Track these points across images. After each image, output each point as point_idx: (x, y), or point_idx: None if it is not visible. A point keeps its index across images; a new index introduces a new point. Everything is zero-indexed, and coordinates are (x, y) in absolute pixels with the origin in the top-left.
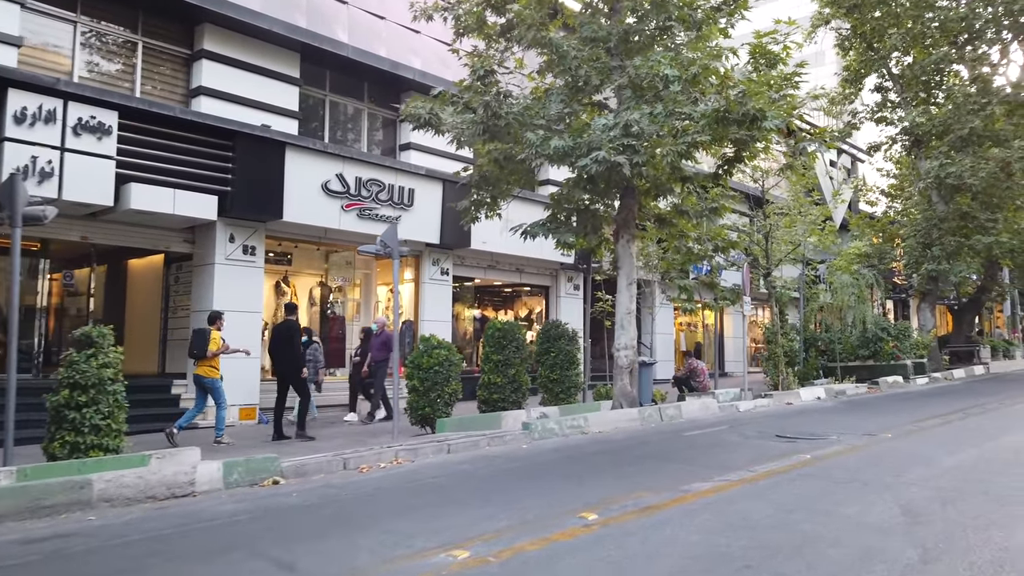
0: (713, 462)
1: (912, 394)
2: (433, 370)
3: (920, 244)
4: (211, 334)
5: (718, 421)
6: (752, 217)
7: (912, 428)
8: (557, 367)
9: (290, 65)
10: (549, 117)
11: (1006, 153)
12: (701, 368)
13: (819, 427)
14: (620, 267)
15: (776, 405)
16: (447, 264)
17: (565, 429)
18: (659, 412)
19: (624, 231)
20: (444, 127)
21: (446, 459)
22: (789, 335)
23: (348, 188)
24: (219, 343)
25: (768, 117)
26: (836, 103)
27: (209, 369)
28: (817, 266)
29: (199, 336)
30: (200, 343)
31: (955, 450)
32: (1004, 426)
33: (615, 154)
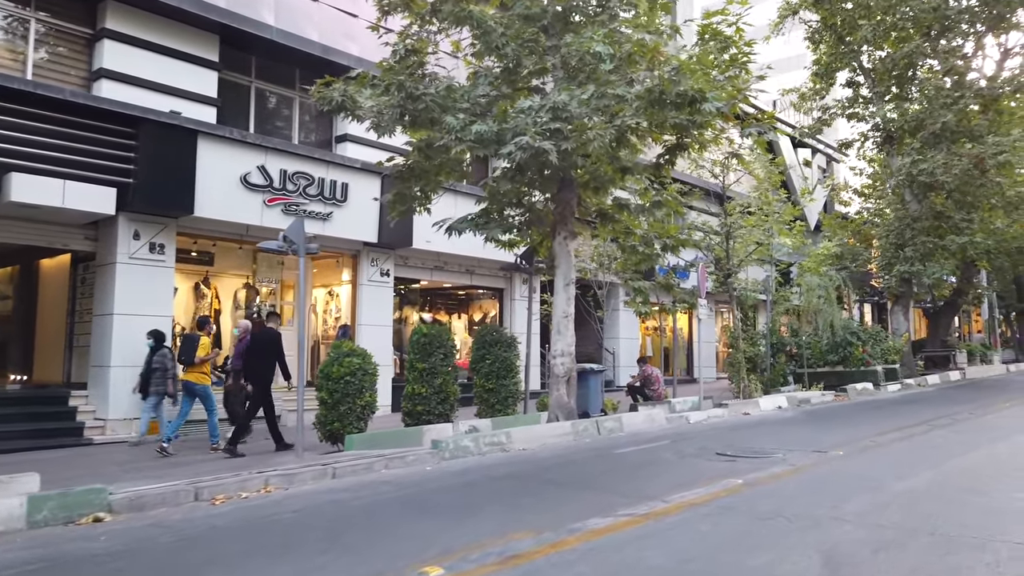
0: (629, 489)
1: (880, 403)
2: (344, 380)
3: (893, 245)
4: (200, 340)
5: (661, 435)
6: (717, 215)
7: (869, 443)
8: (493, 375)
9: (207, 48)
10: (475, 100)
11: (980, 149)
12: (656, 376)
13: (769, 442)
14: (557, 266)
15: (732, 416)
16: (387, 265)
17: (482, 447)
18: (597, 426)
19: (561, 227)
20: (360, 111)
21: (326, 486)
22: (753, 340)
23: (271, 181)
24: (208, 349)
25: (708, 99)
26: (807, 99)
27: (199, 375)
28: (788, 268)
29: (187, 342)
30: (188, 349)
31: (909, 472)
32: (969, 441)
33: (540, 140)
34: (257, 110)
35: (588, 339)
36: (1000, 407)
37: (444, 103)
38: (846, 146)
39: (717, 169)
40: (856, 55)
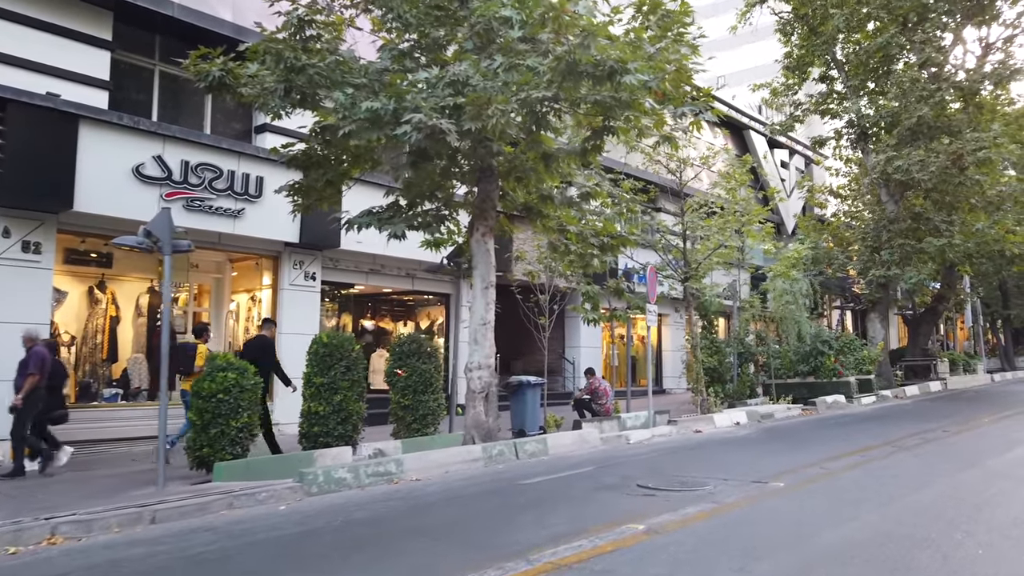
0: (501, 539)
1: (849, 418)
2: (216, 398)
3: (869, 248)
4: (198, 348)
5: (588, 460)
6: (677, 215)
7: (819, 471)
8: (410, 391)
9: (98, 25)
10: (371, 75)
11: (958, 145)
12: (604, 389)
13: (708, 468)
14: (475, 267)
15: (680, 434)
16: (313, 268)
17: (364, 478)
18: (516, 449)
19: (480, 223)
20: (242, 89)
21: (128, 537)
22: (717, 349)
23: (170, 173)
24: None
25: (630, 71)
26: (779, 95)
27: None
28: (763, 273)
29: (183, 351)
30: (186, 359)
31: (851, 513)
32: (934, 468)
33: (438, 118)
34: (162, 96)
35: (547, 348)
36: (977, 424)
37: (333, 77)
38: (820, 144)
39: (674, 164)
40: (829, 47)
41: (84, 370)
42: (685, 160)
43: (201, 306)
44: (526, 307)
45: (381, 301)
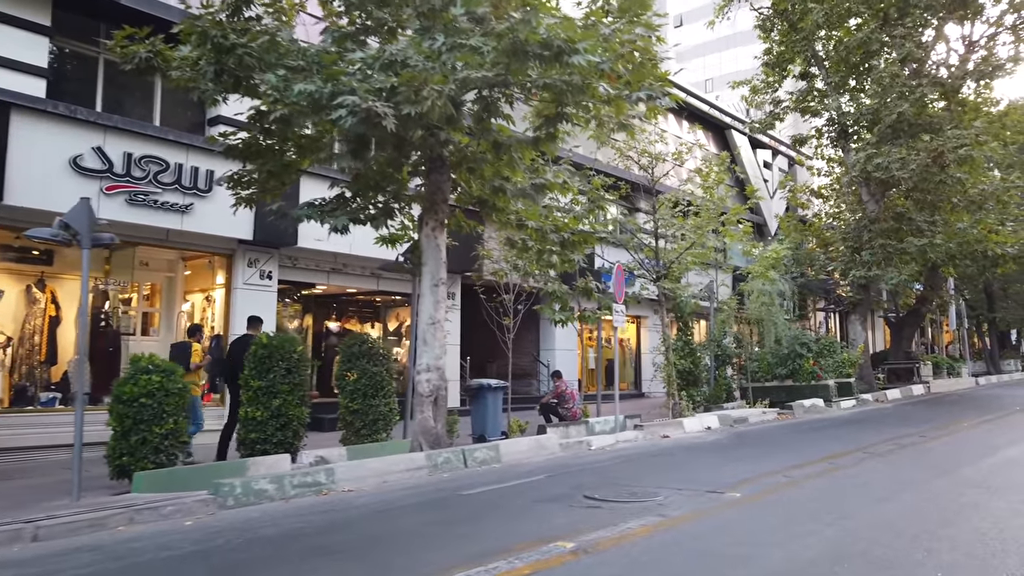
0: (412, 561)
1: (825, 422)
2: (139, 402)
3: (850, 248)
4: (192, 347)
5: (543, 468)
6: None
7: (782, 480)
8: (359, 394)
9: (36, 10)
10: (310, 57)
11: (939, 142)
12: (571, 392)
13: (665, 477)
14: (424, 263)
15: (646, 440)
16: (270, 266)
17: (289, 490)
18: (464, 457)
19: (430, 216)
20: (173, 72)
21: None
22: (692, 351)
23: (111, 166)
24: (201, 356)
25: (579, 51)
26: (759, 92)
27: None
28: (742, 273)
29: (179, 350)
30: (182, 357)
31: (806, 529)
32: (903, 477)
33: (373, 100)
34: (107, 86)
35: (522, 351)
36: (957, 428)
37: (267, 58)
38: (800, 142)
39: (645, 160)
40: (809, 43)
41: (20, 373)
42: (656, 156)
43: (153, 306)
44: (488, 308)
45: (348, 302)
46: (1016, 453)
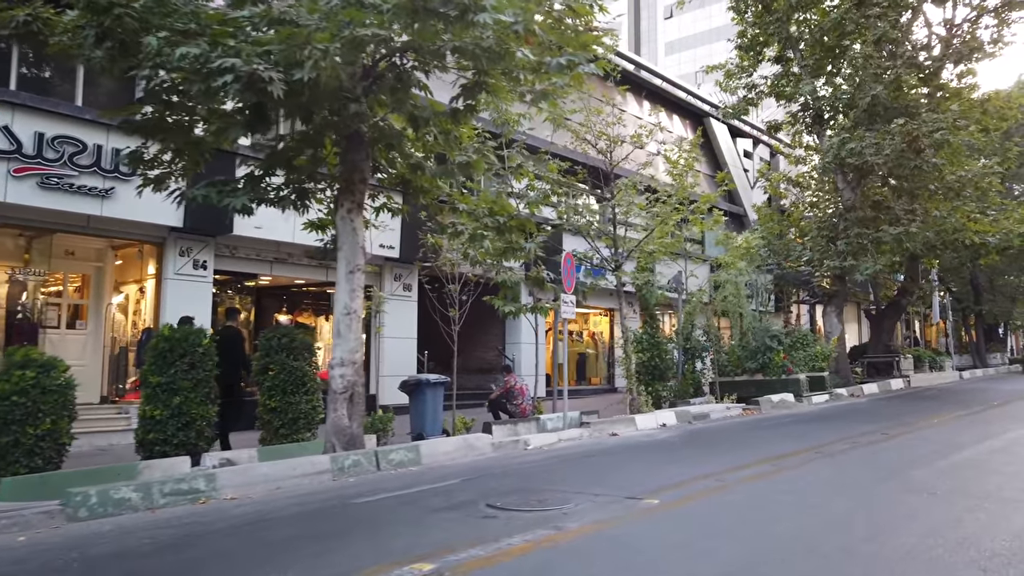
0: None
1: (789, 419)
2: (9, 401)
3: (825, 238)
4: None
5: (463, 471)
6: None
7: (713, 484)
8: (277, 391)
9: None
10: (203, 20)
11: (913, 126)
12: (520, 387)
13: (589, 480)
14: (339, 247)
15: (592, 438)
16: (205, 256)
17: (158, 498)
18: (376, 459)
19: (346, 197)
20: (55, 37)
21: None
22: (653, 343)
23: (20, 147)
24: None
25: (486, 8)
26: (733, 76)
27: None
28: (714, 263)
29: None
30: None
31: (709, 544)
32: (846, 480)
33: (257, 64)
34: (23, 64)
35: (487, 344)
36: (926, 424)
37: (150, 19)
38: (775, 129)
39: (603, 143)
40: (783, 25)
41: None
42: (614, 138)
43: (82, 298)
44: (432, 298)
45: (300, 294)
46: (975, 453)
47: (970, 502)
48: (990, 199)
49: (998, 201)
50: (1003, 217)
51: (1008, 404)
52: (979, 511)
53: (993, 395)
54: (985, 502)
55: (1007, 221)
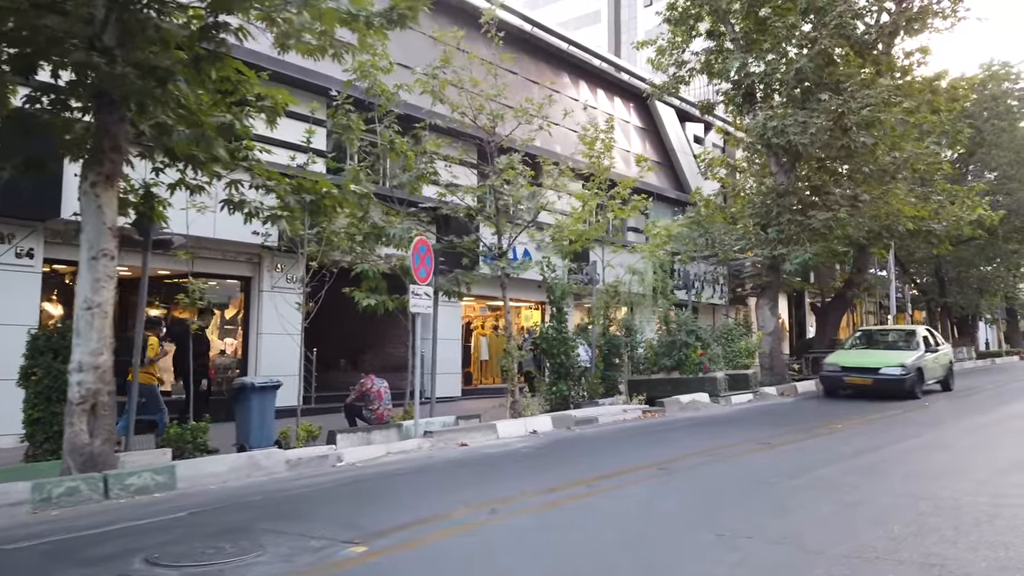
0: None
1: (687, 423)
2: None
3: (758, 225)
4: (149, 340)
5: (216, 500)
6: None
7: (482, 516)
8: (42, 399)
9: None
10: None
11: (838, 102)
12: (377, 391)
13: (339, 513)
14: (82, 228)
15: (432, 450)
16: (30, 243)
17: None
18: (105, 484)
19: (92, 169)
20: None
21: None
22: (559, 339)
23: None
24: (157, 348)
25: None
26: (665, 53)
27: (147, 376)
28: (631, 250)
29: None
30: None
31: None
32: (644, 514)
33: None
34: None
35: (397, 340)
36: (826, 430)
37: None
38: (707, 109)
39: (485, 118)
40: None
41: None
42: (496, 114)
43: None
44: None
45: (176, 287)
46: (833, 472)
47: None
48: (936, 184)
49: (946, 187)
50: (949, 203)
51: (949, 403)
52: None
53: (935, 393)
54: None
55: (956, 208)
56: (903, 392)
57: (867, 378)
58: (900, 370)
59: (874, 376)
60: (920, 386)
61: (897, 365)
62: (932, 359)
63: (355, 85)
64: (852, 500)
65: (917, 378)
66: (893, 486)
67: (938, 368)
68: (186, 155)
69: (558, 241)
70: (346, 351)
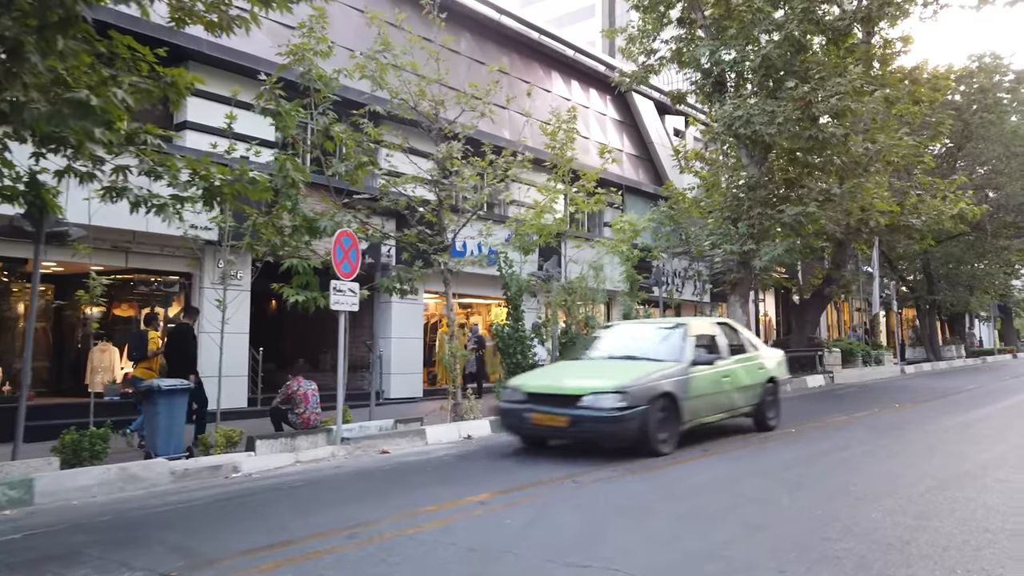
0: None
1: None
2: None
3: (728, 220)
4: (148, 335)
5: (59, 520)
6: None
7: (331, 547)
8: None
9: None
10: None
11: (804, 90)
12: (304, 393)
13: (202, 534)
14: None
15: (348, 459)
16: None
17: None
18: None
19: None
20: None
21: None
22: (514, 338)
23: None
24: (157, 344)
25: None
26: (636, 41)
27: (145, 371)
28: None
29: (136, 338)
30: (139, 345)
31: None
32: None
33: None
34: None
35: (356, 338)
36: (773, 437)
37: None
38: (678, 99)
39: (427, 104)
40: None
41: None
42: (438, 100)
43: None
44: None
45: (122, 285)
46: (755, 487)
47: None
48: (916, 177)
49: (926, 181)
50: (930, 197)
51: (918, 405)
52: None
53: (914, 394)
54: None
55: (937, 202)
56: (625, 438)
57: (560, 415)
58: (615, 399)
59: (570, 412)
60: (671, 428)
61: (610, 391)
62: (708, 376)
63: (292, 69)
64: (758, 522)
65: (655, 413)
66: (813, 505)
67: (728, 393)
68: (43, 134)
69: (519, 236)
70: (306, 350)
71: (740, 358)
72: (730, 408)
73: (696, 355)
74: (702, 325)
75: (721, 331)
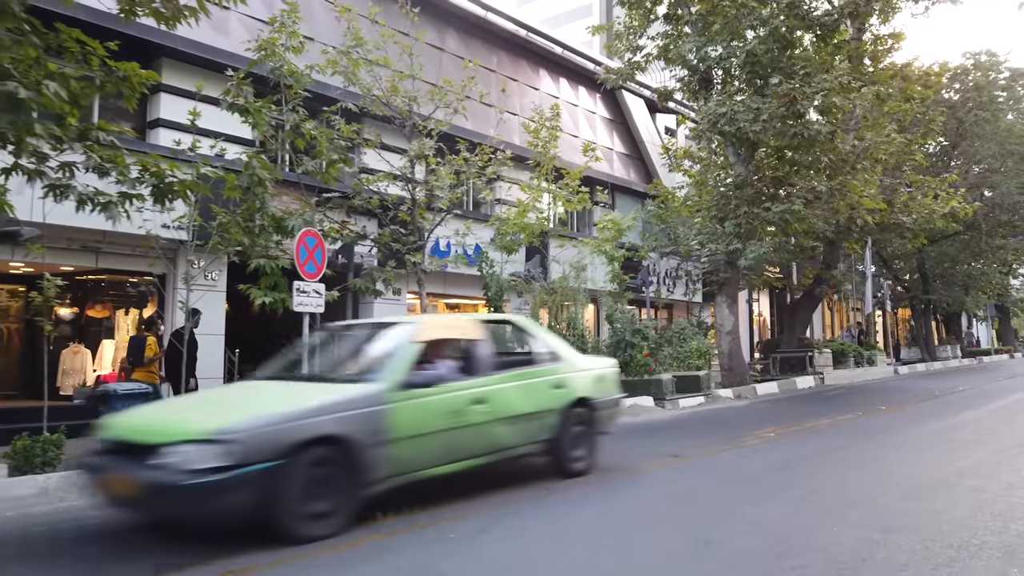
0: None
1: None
2: None
3: (715, 219)
4: (147, 340)
5: None
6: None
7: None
8: None
9: None
10: None
11: (789, 86)
12: None
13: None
14: None
15: None
16: None
17: None
18: None
19: None
20: None
21: None
22: None
23: None
24: (156, 349)
25: None
26: (622, 37)
27: (147, 375)
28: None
29: (135, 343)
30: (137, 350)
31: None
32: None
33: None
34: None
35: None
36: (753, 440)
37: None
38: (665, 97)
39: (400, 100)
40: None
41: None
42: (411, 96)
43: None
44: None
45: (96, 285)
46: (717, 496)
47: None
48: (906, 175)
49: (917, 179)
50: (921, 195)
51: (906, 407)
52: None
53: (904, 395)
54: None
55: (928, 200)
56: (232, 516)
57: (131, 477)
58: (207, 453)
59: (142, 474)
60: (337, 494)
61: (200, 438)
62: (438, 403)
63: (264, 64)
64: (710, 537)
65: (300, 472)
66: (775, 517)
67: (484, 426)
68: None
69: (502, 235)
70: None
71: (516, 374)
72: (491, 448)
73: (412, 375)
74: (447, 326)
75: (487, 334)
